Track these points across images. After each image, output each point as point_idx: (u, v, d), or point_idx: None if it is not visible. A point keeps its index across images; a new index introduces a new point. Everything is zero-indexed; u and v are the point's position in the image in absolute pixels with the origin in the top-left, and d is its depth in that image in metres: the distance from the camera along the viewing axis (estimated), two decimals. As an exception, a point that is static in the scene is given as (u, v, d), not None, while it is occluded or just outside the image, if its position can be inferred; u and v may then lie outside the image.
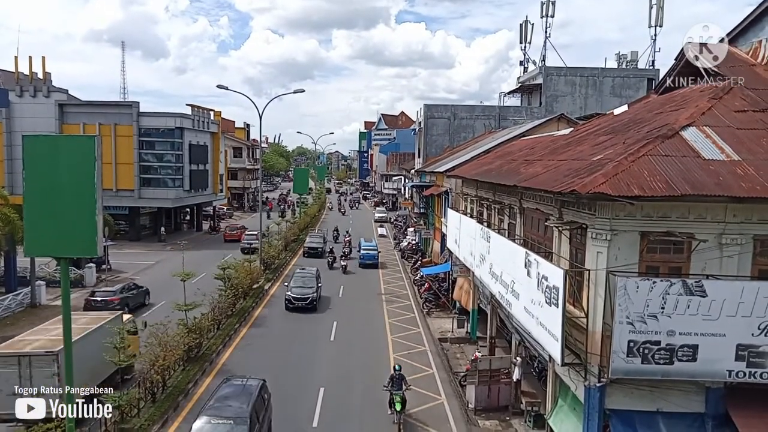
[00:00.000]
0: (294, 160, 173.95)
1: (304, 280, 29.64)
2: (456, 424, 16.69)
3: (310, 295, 28.46)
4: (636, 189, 10.05)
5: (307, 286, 28.95)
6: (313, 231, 53.06)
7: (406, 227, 53.57)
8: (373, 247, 42.25)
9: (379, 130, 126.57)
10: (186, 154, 51.23)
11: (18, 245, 26.25)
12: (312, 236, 47.80)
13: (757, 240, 10.73)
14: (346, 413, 17.28)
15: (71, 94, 50.28)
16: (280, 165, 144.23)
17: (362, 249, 41.88)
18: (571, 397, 12.78)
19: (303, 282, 29.45)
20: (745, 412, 10.56)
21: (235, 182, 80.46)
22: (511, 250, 14.60)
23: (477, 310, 23.35)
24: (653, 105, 16.15)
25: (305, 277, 30.07)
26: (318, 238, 46.93)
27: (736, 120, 12.44)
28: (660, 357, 10.22)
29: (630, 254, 10.79)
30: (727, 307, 10.00)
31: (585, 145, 15.24)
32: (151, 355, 17.28)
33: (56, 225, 11.26)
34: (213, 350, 21.83)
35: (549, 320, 11.50)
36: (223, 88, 36.30)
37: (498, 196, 18.73)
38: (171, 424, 16.17)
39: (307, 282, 29.45)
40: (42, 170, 11.26)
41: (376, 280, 36.50)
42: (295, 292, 28.56)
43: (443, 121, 48.33)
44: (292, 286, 29.09)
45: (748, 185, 10.19)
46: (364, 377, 20.02)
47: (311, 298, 28.40)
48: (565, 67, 49.09)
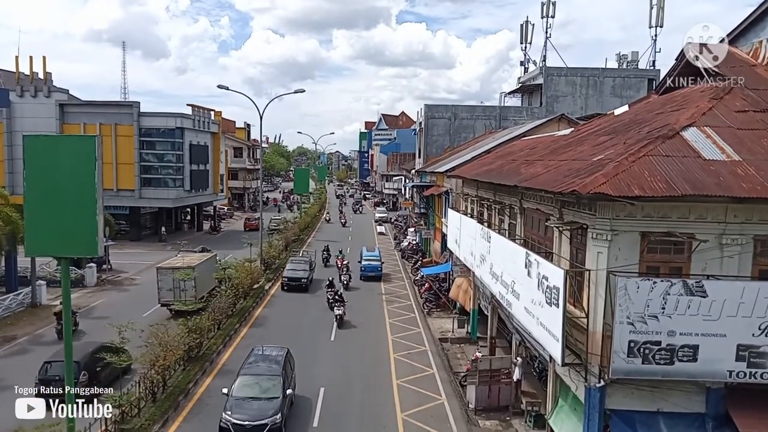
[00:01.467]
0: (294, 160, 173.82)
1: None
2: (456, 424, 16.69)
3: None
4: (636, 189, 10.05)
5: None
6: (297, 254, 41.06)
7: (407, 227, 53.59)
8: (375, 257, 37.37)
9: (379, 131, 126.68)
10: (186, 154, 51.28)
11: (19, 245, 26.25)
12: (294, 262, 35.12)
13: (757, 240, 10.73)
14: (347, 413, 17.28)
15: (72, 94, 50.37)
16: (280, 165, 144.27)
17: (364, 259, 36.96)
18: (571, 398, 12.79)
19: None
20: (746, 412, 10.56)
21: (236, 182, 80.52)
22: (512, 250, 14.60)
23: (477, 310, 23.35)
24: (654, 105, 16.15)
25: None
26: (302, 265, 34.42)
27: (737, 120, 12.44)
28: (660, 357, 10.22)
29: (630, 254, 10.79)
30: (727, 307, 10.00)
31: (585, 145, 15.25)
32: (152, 355, 17.28)
33: (57, 225, 11.28)
34: (213, 350, 21.84)
35: (549, 320, 11.51)
36: (224, 89, 36.32)
37: (498, 197, 18.73)
38: (171, 423, 16.17)
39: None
40: (43, 170, 11.29)
41: (377, 281, 36.45)
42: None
43: (444, 122, 48.35)
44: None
45: (749, 185, 10.19)
46: (364, 377, 20.03)
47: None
48: (565, 68, 49.10)
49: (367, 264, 36.55)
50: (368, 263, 36.61)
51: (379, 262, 37.04)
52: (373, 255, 37.70)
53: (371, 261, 36.79)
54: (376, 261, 36.99)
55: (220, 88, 36.33)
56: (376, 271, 36.27)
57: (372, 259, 37.00)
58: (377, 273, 36.24)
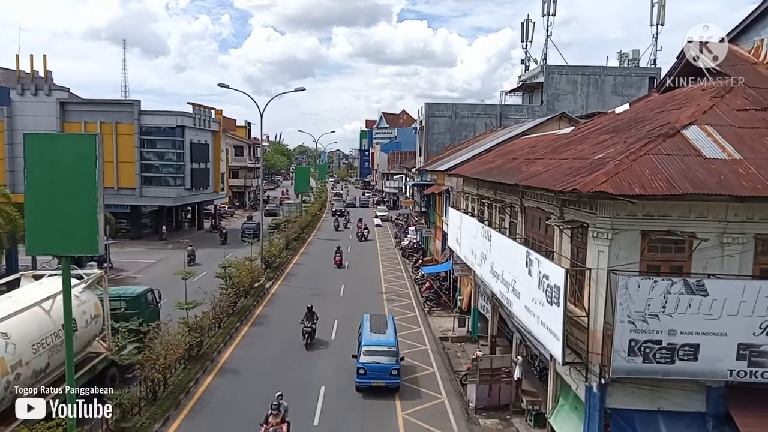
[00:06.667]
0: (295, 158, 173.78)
1: None
2: (457, 423, 16.70)
3: None
4: (637, 188, 10.03)
5: None
6: None
7: (407, 226, 53.58)
8: (387, 345, 18.91)
9: (380, 129, 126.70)
10: (187, 152, 51.24)
11: (19, 243, 26.27)
12: None
13: (758, 239, 10.70)
14: (347, 412, 17.29)
15: (72, 93, 50.36)
16: (281, 163, 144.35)
17: (364, 348, 18.77)
18: (572, 396, 12.78)
19: None
20: (746, 411, 10.55)
21: (237, 181, 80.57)
22: (512, 249, 14.59)
23: (478, 309, 23.34)
24: (655, 104, 16.12)
25: None
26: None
27: (738, 119, 12.41)
28: (661, 356, 10.21)
29: (631, 253, 10.78)
30: (728, 306, 9.99)
31: (586, 143, 15.22)
32: (153, 354, 17.30)
33: (57, 223, 11.26)
34: (214, 349, 21.86)
35: (550, 319, 11.50)
36: (224, 87, 36.66)
37: (499, 195, 18.72)
38: (172, 422, 16.19)
39: None
40: (43, 168, 11.26)
41: (377, 279, 36.52)
42: None
43: (444, 120, 48.28)
44: None
45: (750, 184, 10.16)
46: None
47: None
48: (566, 66, 49.02)
49: (371, 362, 18.27)
50: (373, 359, 18.39)
51: (393, 358, 18.45)
52: (384, 340, 19.19)
53: (378, 354, 18.51)
54: (388, 352, 18.60)
55: (221, 87, 36.76)
56: (388, 378, 18.10)
57: (380, 350, 18.64)
58: (390, 382, 18.18)
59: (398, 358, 18.78)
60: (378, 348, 18.80)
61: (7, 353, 12.92)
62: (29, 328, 13.98)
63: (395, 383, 18.38)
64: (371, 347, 18.83)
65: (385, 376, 18.21)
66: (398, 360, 18.69)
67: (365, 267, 40.25)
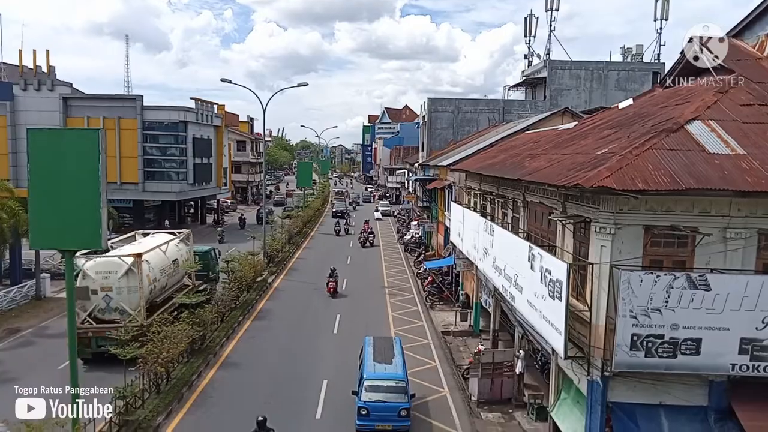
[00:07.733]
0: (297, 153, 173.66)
1: None
2: (459, 417, 16.75)
3: None
4: (640, 183, 10.01)
5: None
6: None
7: (410, 221, 53.61)
8: (396, 378, 15.68)
9: (382, 124, 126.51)
10: (190, 147, 51.23)
11: (23, 238, 26.35)
12: None
13: (761, 234, 10.69)
14: (349, 405, 17.31)
15: (75, 88, 50.32)
16: (283, 158, 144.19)
17: (366, 382, 15.59)
18: (574, 391, 12.81)
19: None
20: (748, 405, 10.57)
21: (239, 176, 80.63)
22: (515, 243, 14.60)
23: (480, 303, 23.37)
24: (658, 99, 16.07)
25: None
26: None
27: (742, 114, 12.36)
28: (663, 350, 10.22)
29: (634, 248, 10.78)
30: (731, 300, 9.99)
31: (589, 139, 15.19)
32: (155, 348, 17.36)
33: (61, 218, 11.32)
34: (217, 342, 21.95)
35: (552, 314, 11.52)
36: (227, 82, 36.73)
37: (501, 190, 18.71)
38: (175, 415, 16.28)
39: None
40: (46, 163, 11.31)
41: (380, 273, 36.55)
42: None
43: (447, 115, 48.18)
44: None
45: (753, 179, 10.14)
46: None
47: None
48: (569, 61, 48.82)
49: (375, 400, 15.25)
50: (377, 396, 15.32)
51: (402, 395, 15.36)
52: (391, 373, 15.97)
53: (383, 390, 15.45)
54: (395, 388, 15.51)
55: (223, 82, 36.55)
56: (395, 421, 15.10)
57: (386, 385, 15.58)
58: (399, 425, 15.15)
59: (409, 395, 15.45)
60: (383, 383, 15.48)
61: (151, 271, 21.07)
62: (158, 260, 22.00)
63: (405, 426, 15.12)
64: (375, 382, 15.52)
65: (392, 417, 15.01)
66: (409, 398, 15.37)
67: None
